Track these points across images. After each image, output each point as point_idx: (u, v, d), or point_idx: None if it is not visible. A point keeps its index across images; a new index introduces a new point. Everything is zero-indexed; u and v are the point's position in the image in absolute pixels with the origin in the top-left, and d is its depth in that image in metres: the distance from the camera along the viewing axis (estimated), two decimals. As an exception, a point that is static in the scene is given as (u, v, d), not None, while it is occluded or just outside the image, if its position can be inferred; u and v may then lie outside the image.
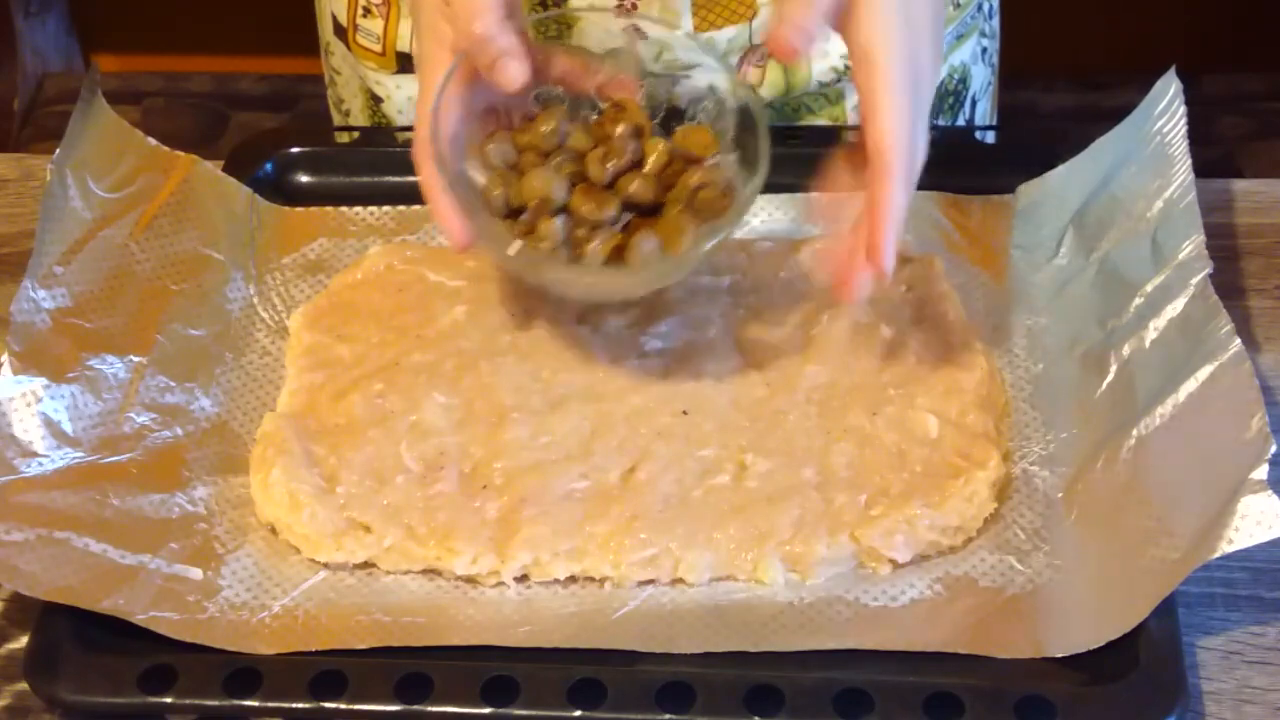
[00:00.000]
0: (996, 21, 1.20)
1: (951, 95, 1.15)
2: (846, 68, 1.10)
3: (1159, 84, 0.99)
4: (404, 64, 1.13)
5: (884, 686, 0.80)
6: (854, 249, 0.85)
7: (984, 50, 1.18)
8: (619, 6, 1.02)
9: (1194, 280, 0.91)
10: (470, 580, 0.88)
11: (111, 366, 0.95)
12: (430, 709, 0.81)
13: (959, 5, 1.12)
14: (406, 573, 0.88)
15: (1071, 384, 0.94)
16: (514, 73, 0.87)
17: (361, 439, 0.92)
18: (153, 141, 1.04)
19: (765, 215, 1.04)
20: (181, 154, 1.04)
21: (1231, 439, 0.83)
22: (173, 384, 0.96)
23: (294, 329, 0.99)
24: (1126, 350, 0.92)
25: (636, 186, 0.89)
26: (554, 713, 0.80)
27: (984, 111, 1.20)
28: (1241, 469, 0.81)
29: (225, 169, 1.07)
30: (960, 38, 1.14)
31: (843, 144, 1.08)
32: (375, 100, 1.16)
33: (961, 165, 1.06)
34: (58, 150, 0.98)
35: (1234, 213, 1.07)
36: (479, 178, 0.92)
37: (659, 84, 0.94)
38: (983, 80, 1.19)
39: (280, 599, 0.87)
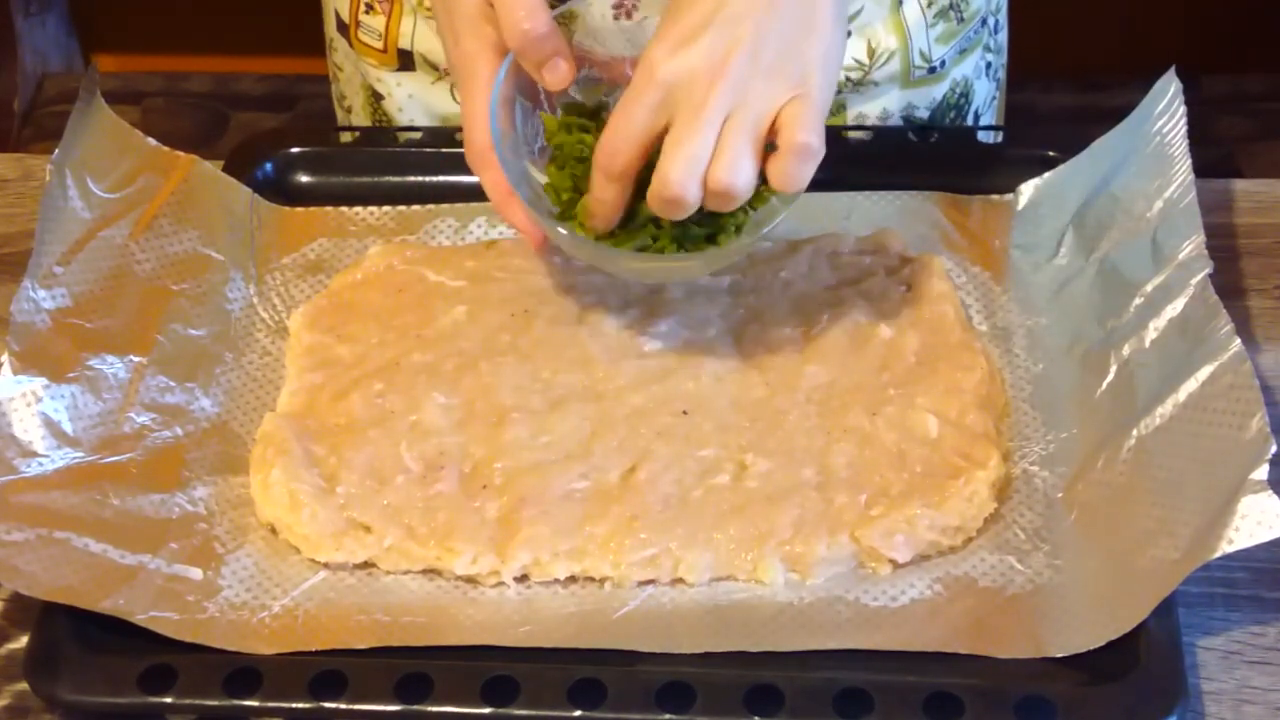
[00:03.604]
0: (1003, 36, 1.20)
1: (953, 109, 1.15)
2: (848, 79, 1.10)
3: (1159, 84, 0.99)
4: (405, 61, 1.14)
5: (884, 686, 0.80)
6: None
7: (988, 65, 1.18)
8: (618, 8, 1.02)
9: (1194, 280, 0.91)
10: (470, 580, 0.88)
11: (111, 366, 0.95)
12: (430, 709, 0.81)
13: (962, 19, 1.12)
14: (406, 573, 0.88)
15: (1071, 384, 0.94)
16: (563, 71, 0.90)
17: (361, 439, 0.92)
18: (153, 141, 1.04)
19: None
20: (181, 154, 1.04)
21: (1231, 439, 0.83)
22: (173, 384, 0.96)
23: (294, 329, 1.00)
24: (1126, 350, 0.92)
25: None
26: (554, 713, 0.80)
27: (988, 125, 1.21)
28: (1241, 469, 0.81)
29: (225, 169, 1.07)
30: (963, 52, 1.14)
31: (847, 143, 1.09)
32: (376, 98, 1.16)
33: (961, 165, 1.07)
34: (57, 150, 0.98)
35: (1234, 213, 1.07)
36: (538, 175, 0.94)
37: None
38: (986, 94, 1.19)
39: (280, 599, 0.87)
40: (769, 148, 0.85)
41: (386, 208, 1.08)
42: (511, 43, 0.89)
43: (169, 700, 0.81)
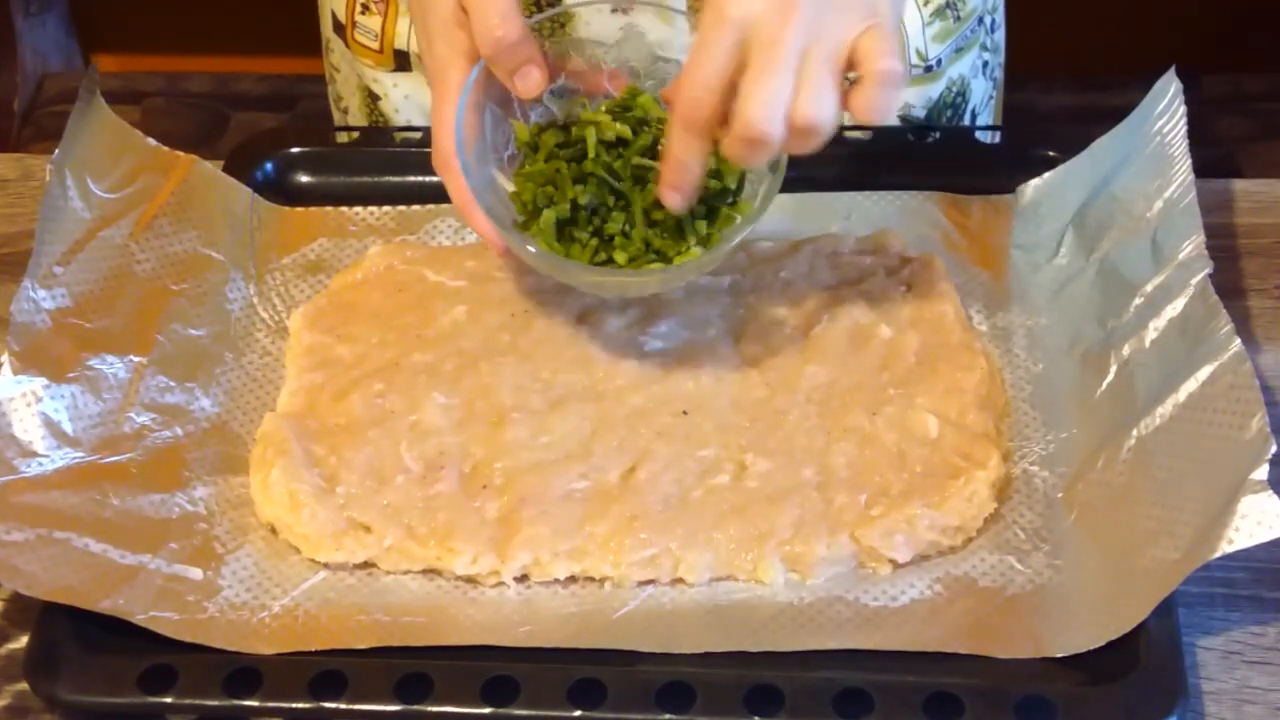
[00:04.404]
0: (1000, 35, 1.20)
1: (950, 108, 1.15)
2: (844, 78, 1.10)
3: (1159, 84, 0.99)
4: (401, 62, 1.14)
5: (884, 686, 0.80)
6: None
7: (985, 64, 1.18)
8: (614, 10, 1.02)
9: (1194, 280, 0.91)
10: (470, 580, 0.88)
11: (111, 366, 0.95)
12: (430, 709, 0.81)
13: (959, 18, 1.12)
14: (406, 573, 0.88)
15: (1071, 384, 0.94)
16: (535, 79, 0.90)
17: (361, 439, 0.92)
18: (153, 141, 1.04)
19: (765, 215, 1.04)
20: (181, 154, 1.04)
21: (1231, 439, 0.83)
22: (173, 384, 0.96)
23: (294, 329, 0.99)
24: (1126, 350, 0.92)
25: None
26: (554, 713, 0.80)
27: (986, 123, 1.20)
28: (1241, 469, 0.81)
29: (225, 169, 1.07)
30: (960, 50, 1.14)
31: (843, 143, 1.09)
32: (373, 98, 1.16)
33: (961, 165, 1.07)
34: (57, 150, 0.98)
35: (1234, 213, 1.07)
36: (506, 183, 0.94)
37: (669, 70, 0.94)
38: (983, 93, 1.19)
39: (280, 599, 0.87)
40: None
41: (386, 208, 1.07)
42: (484, 49, 0.89)
43: (169, 700, 0.81)
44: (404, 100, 1.15)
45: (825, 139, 0.83)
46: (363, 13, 1.13)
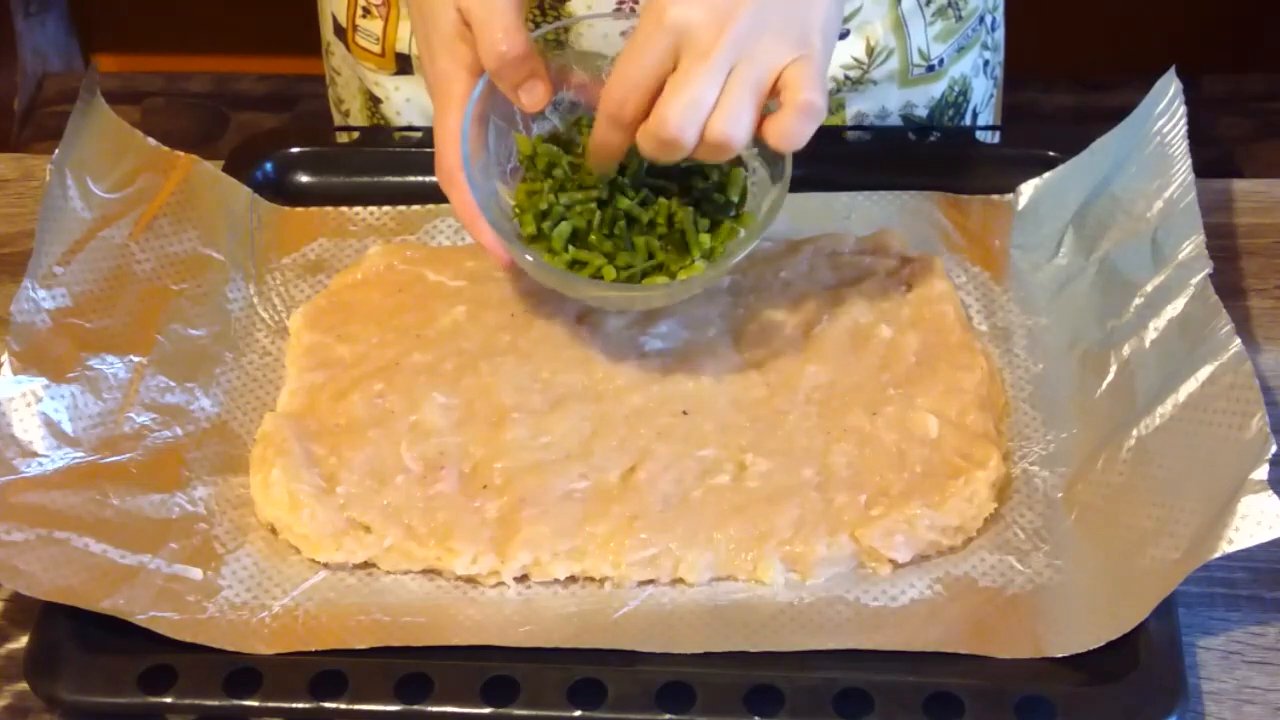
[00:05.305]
0: (1000, 34, 1.21)
1: (951, 107, 1.15)
2: (846, 78, 1.10)
3: (1159, 84, 0.99)
4: (403, 65, 1.14)
5: (884, 686, 0.80)
6: None
7: (986, 63, 1.18)
8: (618, 10, 1.02)
9: (1194, 280, 0.91)
10: (470, 580, 0.88)
11: (111, 366, 0.95)
12: (430, 709, 0.81)
13: (960, 18, 1.12)
14: (406, 573, 0.88)
15: (1071, 384, 0.94)
16: (540, 93, 0.90)
17: (361, 439, 0.92)
18: (153, 141, 1.04)
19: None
20: (181, 154, 1.04)
21: (1231, 439, 0.83)
22: (173, 384, 0.96)
23: (294, 329, 1.00)
24: (1126, 350, 0.92)
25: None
26: (554, 713, 0.80)
27: (986, 123, 1.21)
28: (1241, 469, 0.81)
29: (225, 169, 1.07)
30: (961, 50, 1.14)
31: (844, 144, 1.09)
32: (374, 101, 1.16)
33: (961, 165, 1.07)
34: (57, 150, 0.98)
35: (1234, 213, 1.07)
36: (508, 196, 0.94)
37: None
38: (984, 92, 1.19)
39: (280, 599, 0.87)
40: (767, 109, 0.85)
41: (386, 208, 1.08)
42: (488, 64, 0.89)
43: (169, 700, 0.81)
44: (405, 103, 1.15)
45: (735, 154, 0.85)
46: (364, 16, 1.13)
